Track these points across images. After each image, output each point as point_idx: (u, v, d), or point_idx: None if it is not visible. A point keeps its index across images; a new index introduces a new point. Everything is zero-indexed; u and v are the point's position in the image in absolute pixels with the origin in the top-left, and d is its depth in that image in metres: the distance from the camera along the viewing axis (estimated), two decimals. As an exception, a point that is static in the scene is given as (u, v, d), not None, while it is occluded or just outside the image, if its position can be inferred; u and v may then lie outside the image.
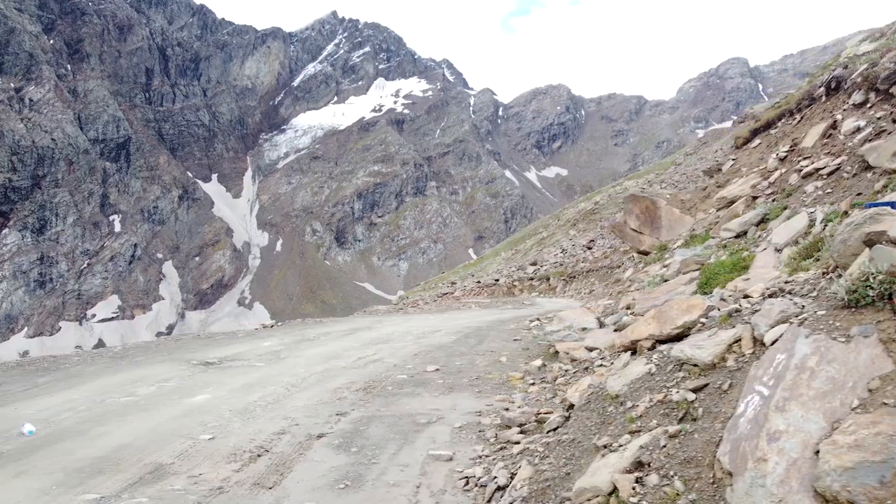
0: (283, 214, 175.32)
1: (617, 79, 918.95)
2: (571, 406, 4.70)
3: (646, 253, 14.81)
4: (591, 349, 7.28)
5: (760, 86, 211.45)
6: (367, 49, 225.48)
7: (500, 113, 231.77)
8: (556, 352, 8.92)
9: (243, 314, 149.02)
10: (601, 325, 9.26)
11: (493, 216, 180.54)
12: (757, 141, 14.56)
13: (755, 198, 10.67)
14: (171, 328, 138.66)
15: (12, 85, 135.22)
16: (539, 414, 5.34)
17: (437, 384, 7.64)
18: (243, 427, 6.02)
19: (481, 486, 4.26)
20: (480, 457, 4.90)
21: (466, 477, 4.45)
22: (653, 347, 4.05)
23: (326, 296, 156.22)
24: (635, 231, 14.93)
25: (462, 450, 5.12)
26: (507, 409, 6.24)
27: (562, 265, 42.21)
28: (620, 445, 3.18)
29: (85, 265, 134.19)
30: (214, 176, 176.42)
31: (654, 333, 4.04)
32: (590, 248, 44.99)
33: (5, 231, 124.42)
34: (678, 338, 3.94)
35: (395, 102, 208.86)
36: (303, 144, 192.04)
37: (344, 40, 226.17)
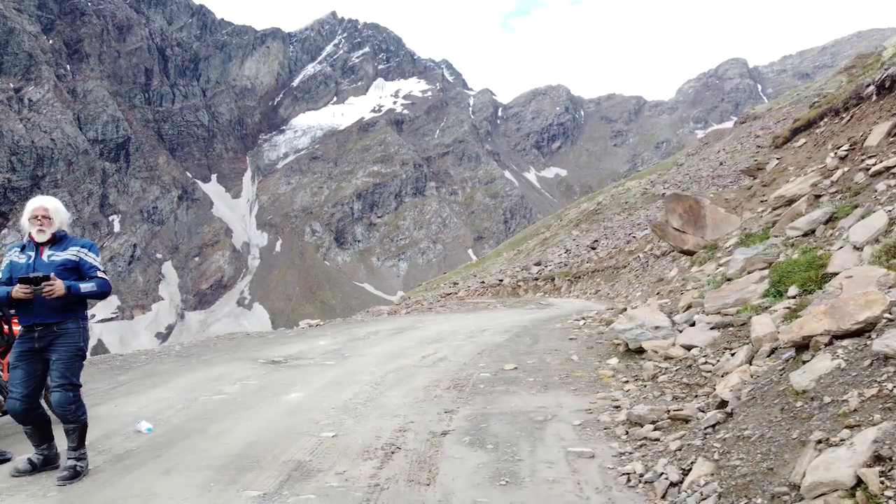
0: (283, 215, 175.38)
1: (616, 79, 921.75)
2: (723, 403, 4.69)
3: (690, 252, 14.80)
4: (688, 347, 7.27)
5: (759, 86, 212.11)
6: (366, 49, 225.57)
7: (500, 113, 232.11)
8: (634, 350, 8.92)
9: (243, 314, 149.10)
10: (673, 323, 9.25)
11: (492, 216, 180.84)
12: (801, 140, 14.58)
13: (818, 196, 10.68)
14: (170, 329, 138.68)
15: (11, 85, 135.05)
16: (670, 411, 5.33)
17: (527, 382, 7.63)
18: (358, 425, 6.00)
19: (647, 482, 4.24)
20: (623, 454, 4.88)
21: (626, 474, 4.43)
22: (830, 343, 4.05)
23: (326, 296, 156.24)
24: (678, 230, 14.93)
25: (599, 447, 5.10)
26: (617, 407, 6.24)
27: (566, 265, 42.27)
28: (842, 440, 3.16)
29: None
30: (214, 176, 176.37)
31: (831, 329, 4.03)
32: (594, 249, 45.04)
33: (4, 231, 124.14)
34: (858, 333, 3.94)
35: (395, 103, 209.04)
36: (302, 145, 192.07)
37: (343, 41, 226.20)
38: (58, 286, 4.64)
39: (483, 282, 46.65)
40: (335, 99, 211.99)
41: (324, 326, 15.87)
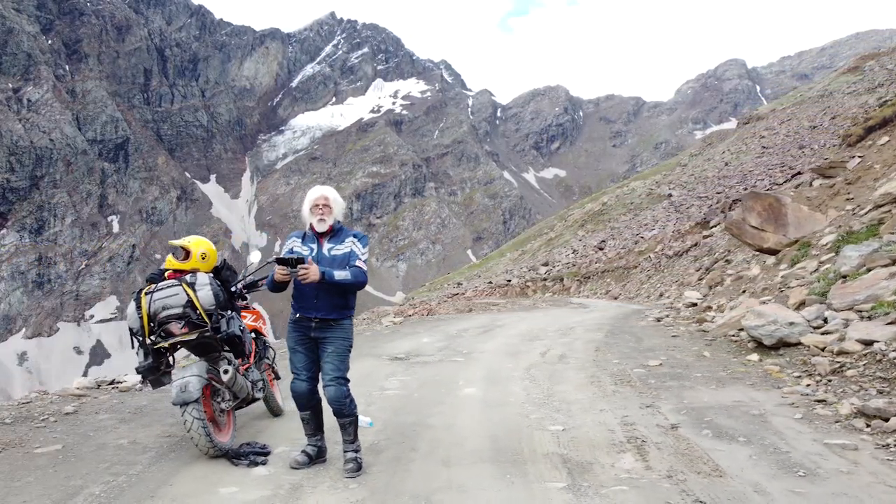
0: (282, 215, 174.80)
1: (615, 80, 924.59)
2: None
3: (771, 251, 14.83)
4: (866, 342, 7.28)
5: (758, 87, 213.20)
6: (365, 50, 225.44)
7: (499, 114, 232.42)
8: (770, 346, 8.92)
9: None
10: (805, 320, 9.28)
11: (491, 217, 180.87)
12: (883, 138, 14.65)
13: (931, 193, 10.74)
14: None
15: (10, 85, 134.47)
16: (912, 404, 5.35)
17: (695, 378, 7.61)
18: (572, 419, 5.95)
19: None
20: (886, 445, 4.86)
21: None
22: None
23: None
24: (756, 229, 14.94)
25: (851, 440, 5.07)
26: (821, 401, 6.23)
27: (574, 266, 42.36)
28: None
29: (83, 266, 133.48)
30: (213, 177, 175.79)
31: None
32: (601, 249, 45.12)
33: (3, 232, 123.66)
34: None
35: (394, 103, 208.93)
36: (301, 145, 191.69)
37: (342, 41, 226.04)
38: (312, 270, 4.59)
39: (490, 282, 46.56)
40: (334, 99, 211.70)
41: (408, 323, 15.81)
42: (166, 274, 5.41)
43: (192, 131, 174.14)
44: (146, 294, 5.13)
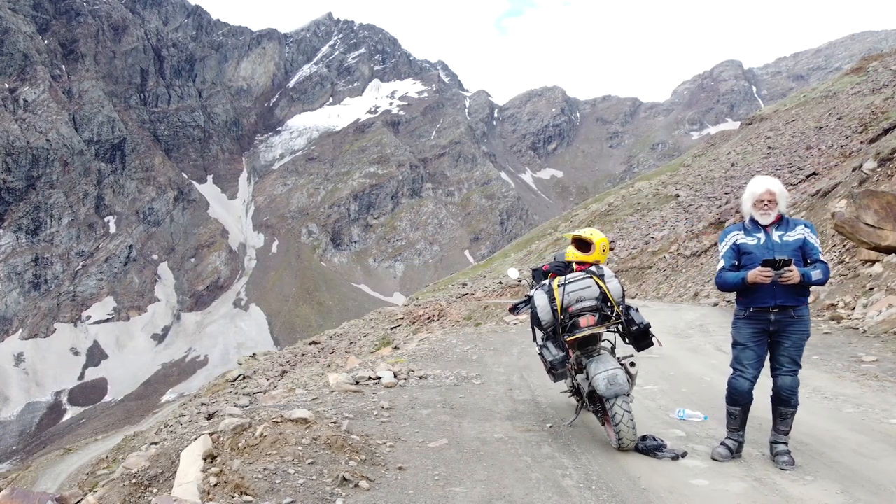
0: (279, 216, 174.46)
1: (611, 80, 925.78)
2: None
3: (891, 249, 14.84)
4: None
5: (754, 88, 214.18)
6: (362, 50, 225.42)
7: (496, 115, 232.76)
8: None
9: (239, 316, 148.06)
10: None
11: (488, 218, 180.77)
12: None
13: None
14: (166, 330, 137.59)
15: (7, 85, 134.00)
16: None
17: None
18: (891, 412, 6.04)
19: None
20: None
21: None
22: None
23: (322, 297, 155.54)
24: (872, 227, 14.87)
25: None
26: None
27: None
28: None
29: (80, 266, 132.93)
30: (210, 177, 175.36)
31: None
32: (611, 249, 45.06)
33: (0, 232, 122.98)
34: None
35: (391, 104, 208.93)
36: (298, 146, 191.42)
37: (339, 41, 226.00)
38: (795, 273, 4.49)
39: (500, 283, 46.42)
40: (331, 100, 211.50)
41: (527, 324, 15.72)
42: (574, 265, 5.29)
43: (188, 132, 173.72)
44: (559, 286, 5.02)
